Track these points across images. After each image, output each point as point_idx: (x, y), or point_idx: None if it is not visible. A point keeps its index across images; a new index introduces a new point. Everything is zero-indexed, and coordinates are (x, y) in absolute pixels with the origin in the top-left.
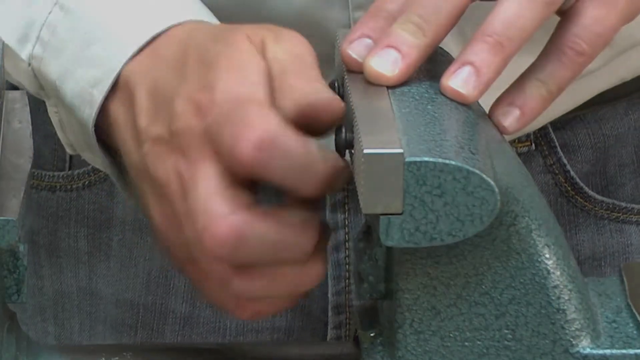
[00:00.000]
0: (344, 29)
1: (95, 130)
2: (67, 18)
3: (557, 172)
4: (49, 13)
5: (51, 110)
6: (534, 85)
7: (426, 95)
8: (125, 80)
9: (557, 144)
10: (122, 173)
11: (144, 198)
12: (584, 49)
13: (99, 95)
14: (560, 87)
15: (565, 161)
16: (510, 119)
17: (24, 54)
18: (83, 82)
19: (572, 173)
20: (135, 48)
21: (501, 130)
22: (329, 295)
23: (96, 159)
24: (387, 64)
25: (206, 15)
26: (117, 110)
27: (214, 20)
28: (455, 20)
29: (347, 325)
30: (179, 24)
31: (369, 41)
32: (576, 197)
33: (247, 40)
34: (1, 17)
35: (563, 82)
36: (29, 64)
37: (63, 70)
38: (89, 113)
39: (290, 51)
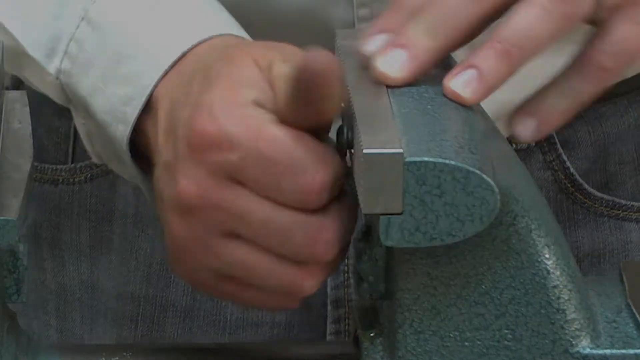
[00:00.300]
0: (343, 29)
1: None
2: (94, 34)
3: (556, 168)
4: (77, 28)
5: (78, 122)
6: (555, 98)
7: (426, 95)
8: (155, 97)
9: (557, 140)
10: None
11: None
12: (610, 66)
13: (132, 113)
14: (581, 101)
15: (565, 158)
16: (528, 129)
17: (51, 68)
18: (114, 100)
19: (571, 170)
20: (166, 66)
21: (517, 140)
22: (328, 289)
23: (125, 170)
24: (394, 64)
25: (234, 28)
26: (149, 127)
27: (242, 33)
28: (471, 30)
29: (347, 320)
30: (204, 41)
31: (385, 37)
32: (576, 193)
33: (252, 60)
34: (27, 30)
35: (585, 97)
36: (57, 78)
37: (93, 86)
38: (123, 130)
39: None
